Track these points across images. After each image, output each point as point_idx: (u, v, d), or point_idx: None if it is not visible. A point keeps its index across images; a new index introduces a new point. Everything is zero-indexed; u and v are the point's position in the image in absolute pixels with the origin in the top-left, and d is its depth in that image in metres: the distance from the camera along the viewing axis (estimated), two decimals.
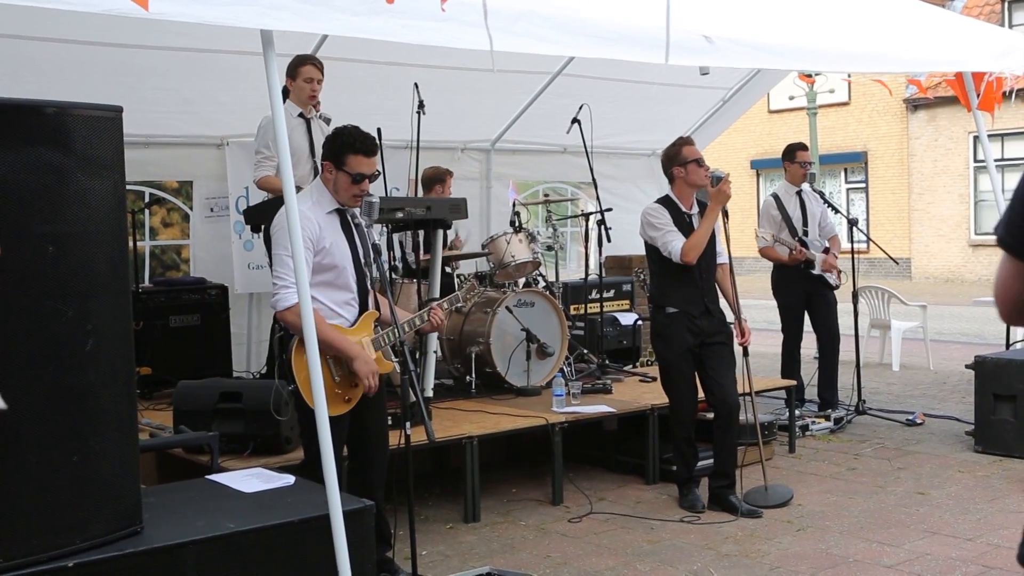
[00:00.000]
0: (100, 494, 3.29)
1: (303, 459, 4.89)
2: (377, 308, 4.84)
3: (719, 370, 6.13)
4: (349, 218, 4.76)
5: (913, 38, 6.88)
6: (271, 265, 4.75)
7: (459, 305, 5.48)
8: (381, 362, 4.78)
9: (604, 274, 8.97)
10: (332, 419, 4.24)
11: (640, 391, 7.54)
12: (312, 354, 3.99)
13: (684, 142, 6.26)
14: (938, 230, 26.25)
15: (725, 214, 6.16)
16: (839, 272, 8.63)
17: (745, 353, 6.28)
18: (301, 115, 6.70)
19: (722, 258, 6.29)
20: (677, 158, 6.19)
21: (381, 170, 7.01)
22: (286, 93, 6.70)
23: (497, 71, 8.21)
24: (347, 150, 4.66)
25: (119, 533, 3.33)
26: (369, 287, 4.83)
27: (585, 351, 8.53)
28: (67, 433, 3.20)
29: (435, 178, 8.12)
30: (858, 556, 5.32)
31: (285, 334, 4.73)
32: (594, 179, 8.67)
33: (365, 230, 4.81)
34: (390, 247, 7.27)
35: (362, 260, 4.76)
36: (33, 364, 3.12)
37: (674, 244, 6.06)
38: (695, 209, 6.22)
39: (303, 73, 6.67)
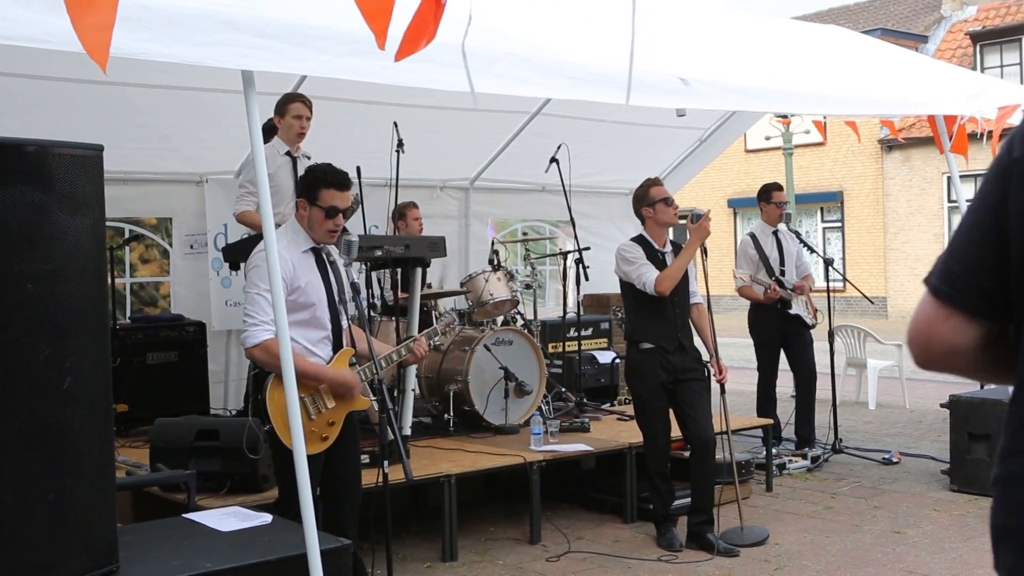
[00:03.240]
0: (76, 533, 3.27)
1: (278, 497, 4.87)
2: (353, 345, 4.85)
3: (694, 406, 6.16)
4: (324, 256, 4.79)
5: (886, 81, 6.98)
6: None
7: (437, 341, 5.49)
8: (358, 399, 4.78)
9: (582, 312, 8.99)
10: (308, 457, 4.23)
11: (618, 429, 7.55)
12: (290, 391, 4.00)
13: (651, 183, 6.34)
14: (913, 269, 26.46)
15: (704, 251, 6.23)
16: (815, 311, 8.69)
17: (722, 391, 6.32)
18: (288, 153, 6.73)
19: (696, 298, 6.35)
20: (645, 199, 6.28)
21: (360, 206, 7.05)
22: (273, 130, 6.72)
23: (476, 110, 8.33)
24: (319, 184, 4.70)
25: (95, 572, 3.31)
26: (344, 325, 4.83)
27: (563, 389, 8.54)
28: (43, 471, 3.18)
29: (395, 214, 8.13)
30: None
31: (260, 372, 4.73)
32: (572, 218, 8.73)
33: (340, 268, 4.83)
34: (368, 285, 7.28)
35: (336, 298, 4.78)
36: (9, 402, 3.11)
37: (648, 276, 6.12)
38: (668, 248, 6.28)
39: (292, 110, 6.71)
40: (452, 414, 7.42)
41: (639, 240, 6.33)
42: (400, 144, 7.55)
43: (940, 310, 1.53)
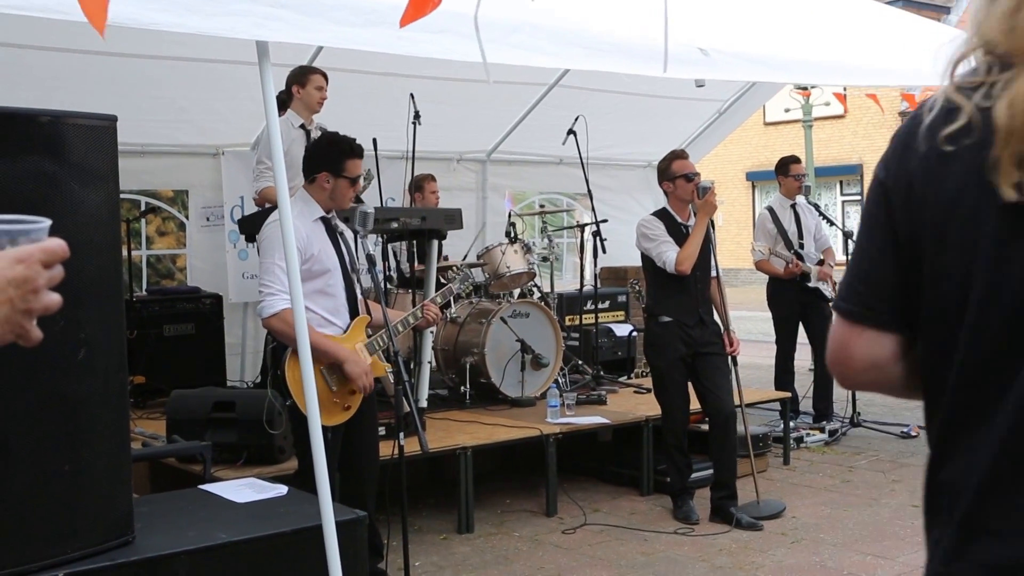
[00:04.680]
0: (92, 504, 3.27)
1: (297, 469, 4.88)
2: (368, 313, 4.86)
3: (713, 380, 6.14)
4: (334, 226, 4.79)
5: (908, 51, 6.89)
6: None
7: (452, 314, 5.48)
8: (377, 365, 4.78)
9: (599, 285, 8.96)
10: (329, 429, 4.22)
11: (635, 402, 7.54)
12: (305, 362, 3.99)
13: (674, 156, 6.29)
14: None
15: (712, 224, 6.20)
16: (835, 284, 8.64)
17: (734, 364, 6.30)
18: (302, 126, 6.71)
19: (713, 271, 6.32)
20: (666, 173, 6.24)
21: (377, 178, 7.03)
22: (285, 103, 6.70)
23: (493, 82, 8.27)
24: (346, 156, 4.74)
25: (111, 543, 3.31)
26: (358, 293, 4.84)
27: (580, 362, 8.52)
28: (59, 443, 3.19)
29: (412, 186, 8.11)
30: (852, 569, 5.32)
31: (278, 345, 4.73)
32: (589, 190, 8.68)
33: (349, 238, 4.83)
34: (385, 257, 7.27)
35: (348, 267, 4.78)
36: (25, 373, 3.11)
37: (668, 255, 6.09)
38: (692, 220, 6.23)
39: (314, 81, 6.71)
40: (468, 386, 7.42)
41: (661, 214, 6.30)
42: (417, 116, 7.52)
43: (852, 328, 1.62)
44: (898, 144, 1.56)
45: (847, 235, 8.76)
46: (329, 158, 4.75)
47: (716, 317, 6.35)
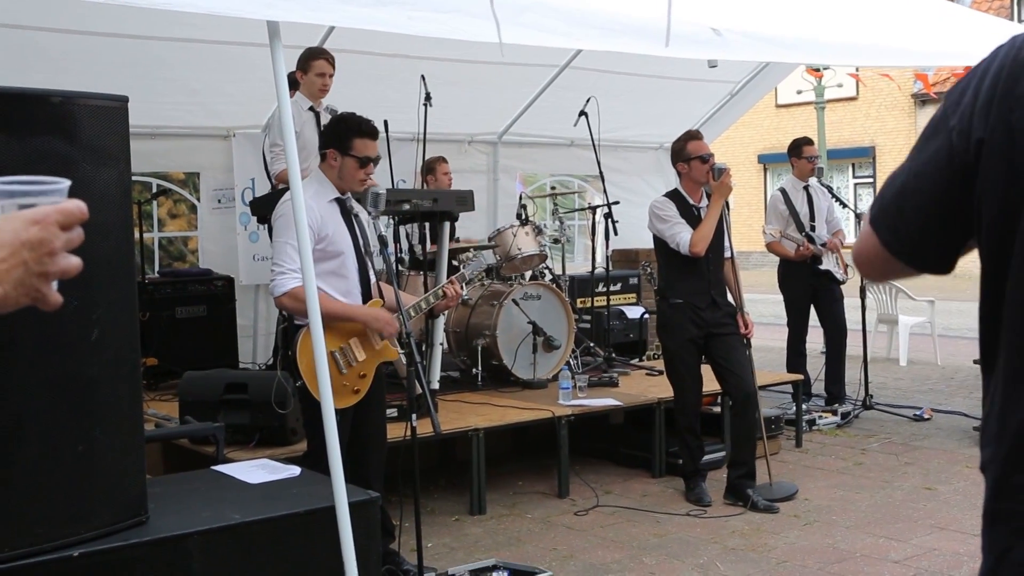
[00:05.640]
0: (105, 484, 3.28)
1: (306, 451, 4.88)
2: (381, 296, 4.85)
3: (730, 358, 6.12)
4: (348, 208, 4.78)
5: (922, 32, 6.85)
6: None
7: (464, 296, 5.46)
8: (388, 349, 4.78)
9: (611, 267, 8.94)
10: (338, 411, 4.22)
11: (647, 384, 7.53)
12: (318, 345, 3.98)
13: (689, 137, 6.26)
14: None
15: (726, 206, 6.17)
16: (846, 266, 8.61)
17: (748, 346, 6.28)
18: (311, 108, 6.69)
19: (727, 252, 6.29)
20: (681, 154, 6.21)
21: (388, 160, 7.01)
22: (295, 82, 6.68)
23: (504, 64, 8.27)
24: (352, 134, 4.70)
25: (124, 523, 3.31)
26: (371, 276, 4.83)
27: (592, 344, 8.51)
28: (72, 423, 3.19)
29: (425, 169, 8.08)
30: (865, 551, 5.31)
31: (289, 325, 4.72)
32: (601, 172, 8.65)
33: (364, 221, 4.82)
34: (396, 239, 7.26)
35: (362, 249, 4.77)
36: (38, 354, 3.10)
37: (682, 236, 6.06)
38: (704, 202, 6.21)
39: (315, 67, 6.66)
40: (480, 368, 7.42)
41: (673, 195, 6.27)
42: (428, 98, 7.50)
43: (889, 260, 1.54)
44: (992, 86, 1.30)
45: (859, 216, 8.72)
46: (337, 135, 4.74)
47: (730, 298, 6.33)
